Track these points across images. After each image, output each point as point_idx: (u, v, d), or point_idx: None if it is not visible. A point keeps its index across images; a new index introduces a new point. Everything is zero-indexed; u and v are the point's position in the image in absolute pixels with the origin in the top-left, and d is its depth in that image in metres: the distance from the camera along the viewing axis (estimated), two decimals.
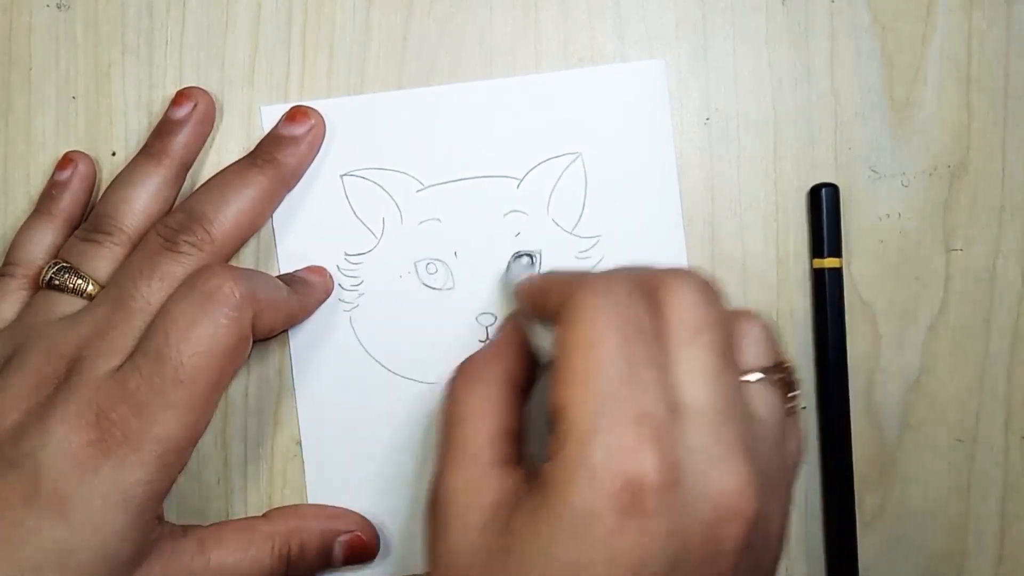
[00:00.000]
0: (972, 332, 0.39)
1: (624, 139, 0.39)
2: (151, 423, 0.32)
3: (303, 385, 0.39)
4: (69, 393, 0.33)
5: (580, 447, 0.27)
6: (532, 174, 0.39)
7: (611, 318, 0.28)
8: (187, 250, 0.36)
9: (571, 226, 0.39)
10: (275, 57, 0.40)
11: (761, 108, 0.40)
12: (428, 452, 0.39)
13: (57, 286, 0.36)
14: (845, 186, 0.39)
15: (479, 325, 0.39)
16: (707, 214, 0.39)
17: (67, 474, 0.31)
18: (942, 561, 0.39)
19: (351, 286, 0.39)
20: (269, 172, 0.38)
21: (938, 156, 0.39)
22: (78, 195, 0.39)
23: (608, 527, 0.26)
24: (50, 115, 0.40)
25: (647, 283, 0.30)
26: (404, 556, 0.39)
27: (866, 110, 0.39)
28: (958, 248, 0.39)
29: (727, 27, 0.40)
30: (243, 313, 0.34)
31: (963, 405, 0.39)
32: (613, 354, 0.28)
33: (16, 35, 0.40)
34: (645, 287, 0.30)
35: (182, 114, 0.38)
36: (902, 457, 0.39)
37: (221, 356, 0.33)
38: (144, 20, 0.40)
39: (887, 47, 0.39)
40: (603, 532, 0.26)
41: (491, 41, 0.40)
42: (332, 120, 0.39)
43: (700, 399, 0.28)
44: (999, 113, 0.39)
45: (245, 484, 0.39)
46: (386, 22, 0.40)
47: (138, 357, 0.33)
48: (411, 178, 0.39)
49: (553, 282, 0.32)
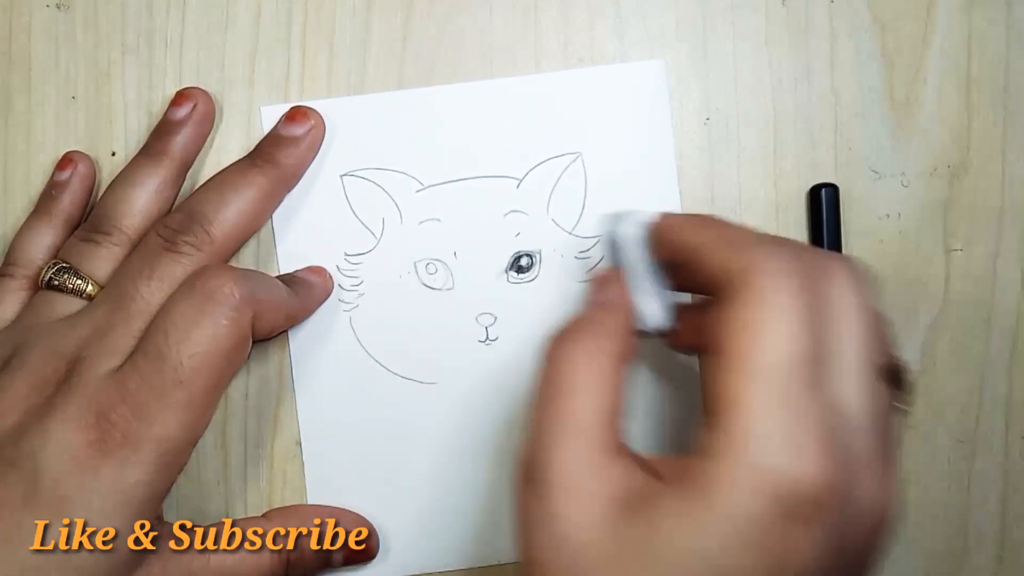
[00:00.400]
0: (972, 332, 0.39)
1: (624, 139, 0.39)
2: (151, 423, 0.32)
3: (303, 385, 0.39)
4: (69, 394, 0.33)
5: (755, 450, 0.25)
6: (532, 174, 0.39)
7: (801, 308, 0.26)
8: (187, 251, 0.36)
9: (571, 226, 0.39)
10: (275, 57, 0.40)
11: (761, 108, 0.40)
12: (427, 452, 0.39)
13: (57, 286, 0.36)
14: (845, 186, 0.39)
15: (479, 325, 0.39)
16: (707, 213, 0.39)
17: (67, 475, 0.31)
18: (942, 561, 0.39)
19: (351, 286, 0.39)
20: (269, 172, 0.38)
21: (938, 156, 0.39)
22: (78, 195, 0.39)
23: (776, 534, 0.25)
24: (50, 115, 0.40)
25: (817, 268, 0.28)
26: (404, 557, 0.39)
27: (866, 110, 0.39)
28: (958, 248, 0.39)
29: (727, 27, 0.40)
30: (243, 313, 0.34)
31: (963, 405, 0.39)
32: (800, 352, 0.26)
33: (16, 35, 0.40)
34: (816, 273, 0.28)
35: (182, 114, 0.38)
36: (902, 457, 0.39)
37: (221, 356, 0.33)
38: (144, 20, 0.40)
39: (887, 47, 0.39)
40: (769, 539, 0.25)
41: (491, 41, 0.40)
42: (332, 120, 0.39)
43: (860, 404, 0.27)
44: (999, 113, 0.39)
45: (245, 484, 0.39)
46: (386, 22, 0.40)
47: (138, 357, 0.33)
48: (411, 178, 0.39)
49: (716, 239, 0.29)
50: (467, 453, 0.39)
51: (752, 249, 0.28)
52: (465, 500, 0.39)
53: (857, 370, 0.28)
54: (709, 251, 0.29)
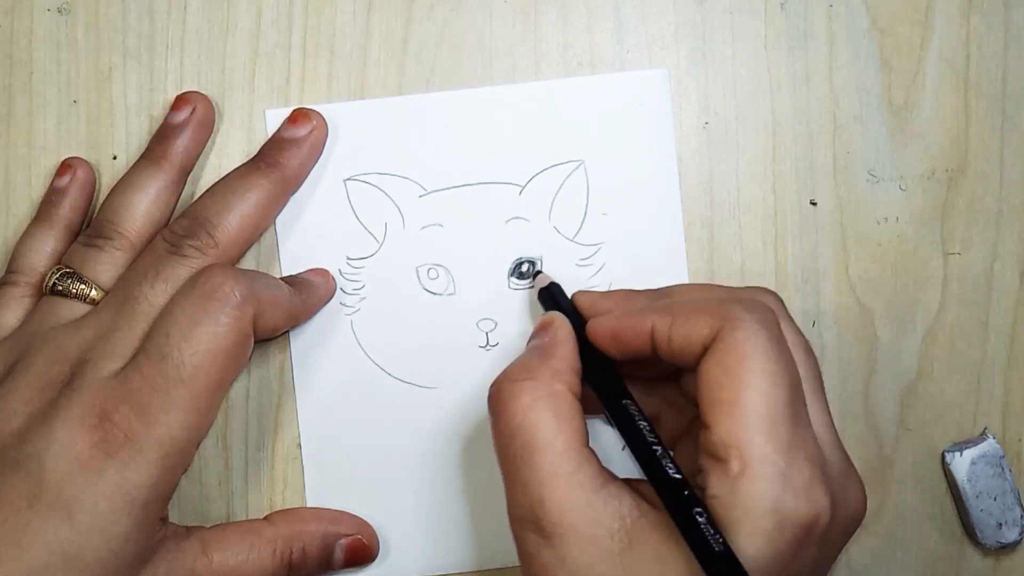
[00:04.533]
0: (969, 335, 0.39)
1: (627, 148, 0.39)
2: (153, 424, 0.32)
3: (304, 388, 0.39)
4: (72, 395, 0.33)
5: (768, 492, 0.28)
6: (534, 181, 0.39)
7: (783, 357, 0.29)
8: (192, 254, 0.36)
9: (572, 233, 0.39)
10: (275, 61, 0.40)
11: (760, 112, 0.40)
12: (427, 455, 0.39)
13: (61, 292, 0.36)
14: (844, 190, 0.39)
15: (479, 331, 0.39)
16: (705, 217, 0.40)
17: (72, 476, 0.32)
18: (939, 563, 0.39)
19: (353, 290, 0.39)
20: (272, 175, 0.38)
21: (936, 160, 0.40)
22: (77, 201, 0.39)
23: (786, 562, 0.28)
24: (51, 119, 0.40)
25: (767, 309, 0.31)
26: (403, 559, 0.39)
27: (864, 114, 0.39)
28: (956, 251, 0.40)
29: (726, 31, 0.40)
30: (244, 312, 0.34)
31: (960, 408, 0.39)
32: (789, 396, 0.29)
33: (17, 39, 0.40)
34: (769, 313, 0.30)
35: (181, 118, 0.38)
36: (899, 459, 0.39)
37: (223, 355, 0.33)
38: (145, 24, 0.40)
39: (885, 51, 0.40)
40: (780, 567, 0.28)
41: (491, 44, 0.40)
42: (336, 124, 0.39)
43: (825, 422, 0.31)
44: (997, 117, 0.40)
45: (246, 486, 0.39)
46: (386, 25, 0.40)
47: (140, 358, 0.33)
48: (414, 183, 0.39)
49: (663, 317, 0.31)
50: (466, 457, 0.39)
51: (726, 313, 0.30)
52: (464, 503, 0.39)
53: (814, 390, 0.31)
54: (668, 329, 0.31)
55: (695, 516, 0.28)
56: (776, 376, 0.28)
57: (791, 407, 0.29)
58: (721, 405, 0.29)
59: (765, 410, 0.28)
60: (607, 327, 0.33)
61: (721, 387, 0.29)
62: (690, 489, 0.29)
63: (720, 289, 0.35)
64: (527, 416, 0.30)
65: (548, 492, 0.29)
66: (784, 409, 0.28)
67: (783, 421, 0.28)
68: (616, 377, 0.33)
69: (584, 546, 0.29)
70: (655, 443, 0.30)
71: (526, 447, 0.30)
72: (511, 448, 0.30)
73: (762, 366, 0.28)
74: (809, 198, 0.40)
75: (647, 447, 0.30)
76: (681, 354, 0.31)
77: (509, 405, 0.31)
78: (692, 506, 0.28)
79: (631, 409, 0.32)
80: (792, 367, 0.29)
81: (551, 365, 0.32)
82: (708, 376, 0.29)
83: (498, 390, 0.31)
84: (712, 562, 0.27)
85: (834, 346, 0.39)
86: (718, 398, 0.29)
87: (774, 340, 0.29)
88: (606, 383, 0.33)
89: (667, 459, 0.30)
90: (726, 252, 0.39)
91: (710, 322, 0.30)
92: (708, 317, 0.30)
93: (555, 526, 0.29)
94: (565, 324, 0.34)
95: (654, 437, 0.30)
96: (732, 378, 0.29)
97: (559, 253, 0.39)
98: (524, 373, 0.31)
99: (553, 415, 0.30)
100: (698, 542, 0.27)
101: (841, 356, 0.39)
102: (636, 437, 0.31)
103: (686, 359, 0.31)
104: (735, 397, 0.28)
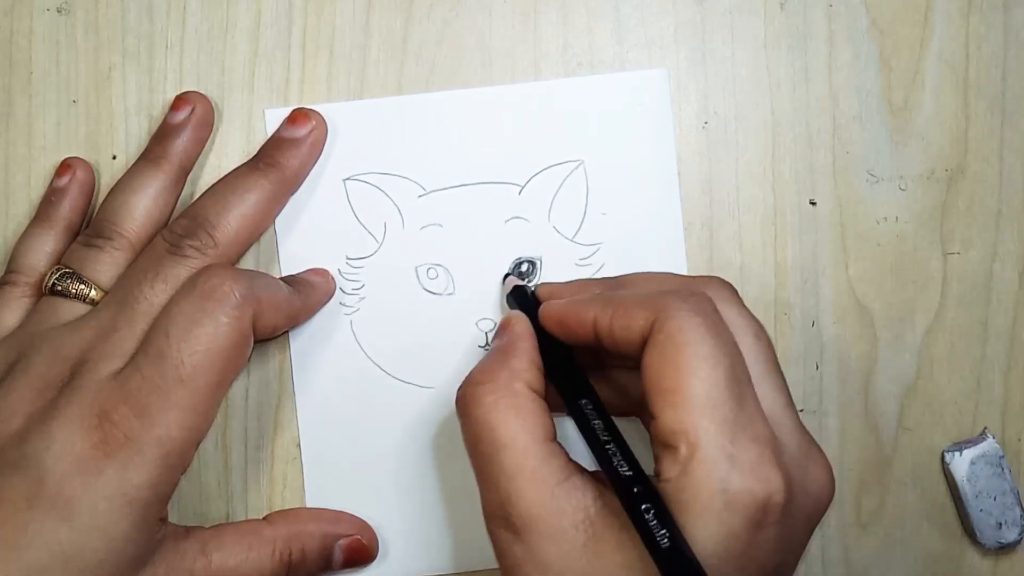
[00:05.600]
0: (969, 335, 0.39)
1: (627, 147, 0.39)
2: (152, 424, 0.32)
3: (303, 388, 0.39)
4: (72, 396, 0.33)
5: (713, 474, 0.28)
6: (534, 181, 0.39)
7: (721, 340, 0.29)
8: (191, 254, 0.36)
9: (572, 233, 0.39)
10: (275, 61, 0.40)
11: (759, 112, 0.40)
12: (426, 455, 0.39)
13: (60, 292, 0.36)
14: (843, 190, 0.39)
15: (479, 330, 0.39)
16: (705, 217, 0.40)
17: (71, 476, 0.32)
18: (939, 563, 0.39)
19: (352, 290, 0.39)
20: (272, 175, 0.38)
21: (935, 160, 0.40)
22: (77, 201, 0.39)
23: (743, 543, 0.28)
24: (51, 119, 0.40)
25: (704, 297, 0.31)
26: (402, 559, 0.39)
27: (864, 114, 0.40)
28: (955, 251, 0.40)
29: (726, 31, 0.40)
30: (243, 312, 0.34)
31: (960, 408, 0.39)
32: (730, 377, 0.29)
33: (17, 39, 0.40)
34: (706, 301, 0.31)
35: (180, 118, 0.39)
36: (898, 460, 0.39)
37: (222, 355, 0.33)
38: (144, 24, 0.40)
39: (885, 51, 0.40)
40: (739, 548, 0.28)
41: (490, 44, 0.40)
42: (335, 124, 0.39)
43: (780, 402, 0.31)
44: (996, 117, 0.40)
45: (245, 486, 0.39)
46: (386, 25, 0.40)
47: (139, 358, 0.33)
48: (413, 183, 0.39)
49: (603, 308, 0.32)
50: (466, 457, 0.39)
51: (662, 303, 0.30)
52: (464, 503, 0.39)
53: (767, 372, 0.31)
54: (608, 320, 0.32)
55: (643, 512, 0.28)
56: (714, 359, 0.29)
57: (733, 388, 0.29)
58: (664, 394, 0.29)
59: (706, 394, 0.28)
60: (554, 313, 0.34)
61: (662, 376, 0.29)
62: (640, 484, 0.29)
63: (673, 279, 0.35)
64: (489, 417, 0.31)
65: (515, 488, 0.30)
66: (725, 391, 0.29)
67: (725, 402, 0.29)
68: (574, 373, 0.34)
69: (551, 539, 0.29)
70: (607, 441, 0.31)
71: (491, 447, 0.31)
72: (478, 449, 0.32)
73: (699, 351, 0.29)
74: (809, 198, 0.40)
75: (599, 445, 0.31)
76: (624, 345, 0.31)
77: (472, 408, 0.32)
78: (641, 502, 0.29)
79: (586, 409, 0.32)
80: (732, 349, 0.30)
81: (509, 365, 0.33)
82: (650, 366, 0.30)
83: (462, 394, 0.33)
84: (661, 558, 0.28)
85: (834, 346, 0.39)
86: (661, 387, 0.29)
87: (710, 325, 0.30)
88: (564, 380, 0.34)
89: (617, 456, 0.30)
90: (725, 252, 0.39)
91: (645, 314, 0.30)
92: (643, 309, 0.31)
93: (523, 520, 0.30)
94: (522, 322, 0.35)
95: (607, 435, 0.31)
96: (672, 366, 0.29)
97: (559, 253, 0.39)
98: (485, 376, 0.33)
99: (514, 414, 0.31)
100: (647, 537, 0.28)
101: (841, 356, 0.39)
102: (590, 435, 0.32)
103: (629, 350, 0.31)
104: (676, 384, 0.29)
